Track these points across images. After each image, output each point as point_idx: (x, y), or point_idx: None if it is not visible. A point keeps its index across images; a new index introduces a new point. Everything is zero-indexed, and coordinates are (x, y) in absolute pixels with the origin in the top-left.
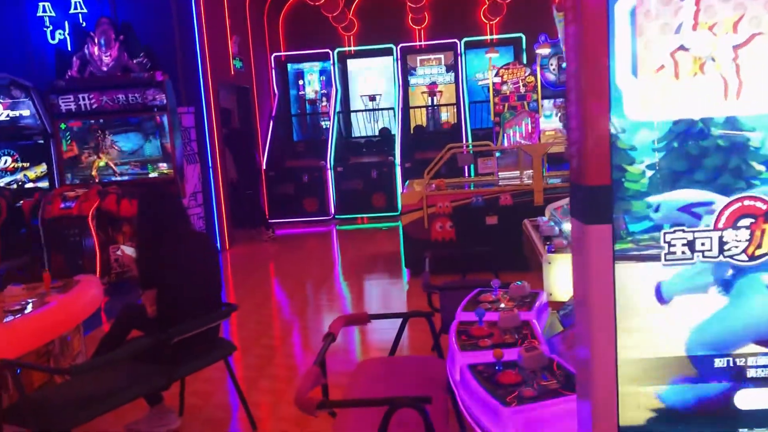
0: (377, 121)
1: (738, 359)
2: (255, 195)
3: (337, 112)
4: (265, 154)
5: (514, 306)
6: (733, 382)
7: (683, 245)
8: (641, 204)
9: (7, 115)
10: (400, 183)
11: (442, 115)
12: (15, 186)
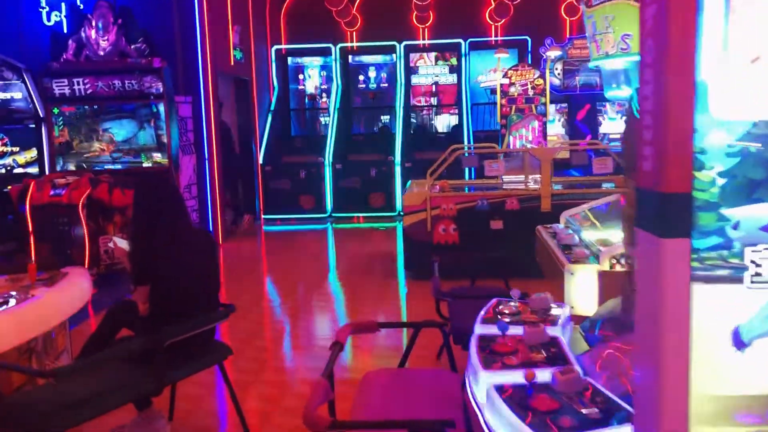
0: (377, 119)
1: None
2: (237, 186)
3: (337, 108)
4: (262, 149)
5: (538, 319)
6: None
7: None
8: (710, 216)
9: None
10: (400, 183)
11: (443, 117)
12: (3, 171)
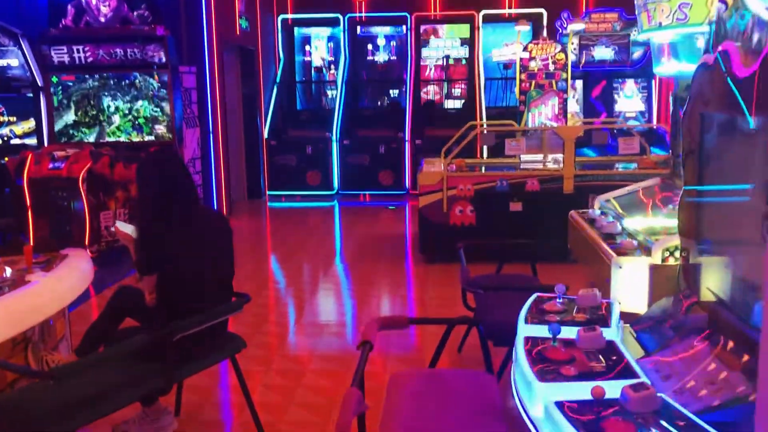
0: (386, 93)
1: None
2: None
3: (345, 81)
4: (267, 122)
5: (587, 319)
6: None
7: None
8: None
9: None
10: (409, 160)
11: (454, 91)
12: (0, 142)
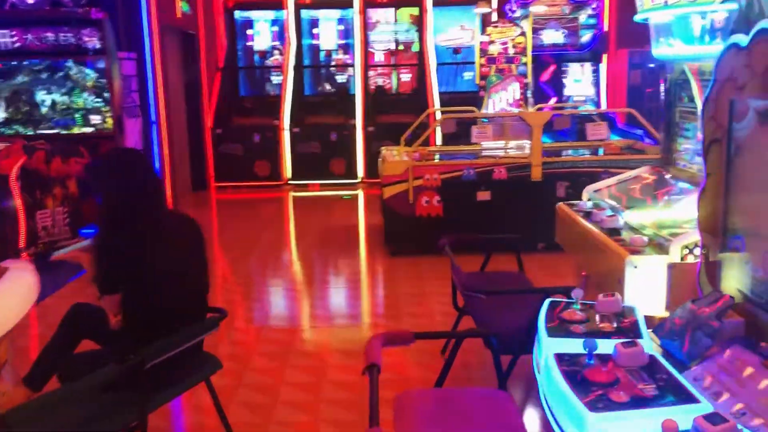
0: (333, 79)
1: None
2: None
3: (291, 66)
4: (212, 110)
5: (617, 329)
6: None
7: None
8: None
9: None
10: (362, 148)
11: (403, 77)
12: None
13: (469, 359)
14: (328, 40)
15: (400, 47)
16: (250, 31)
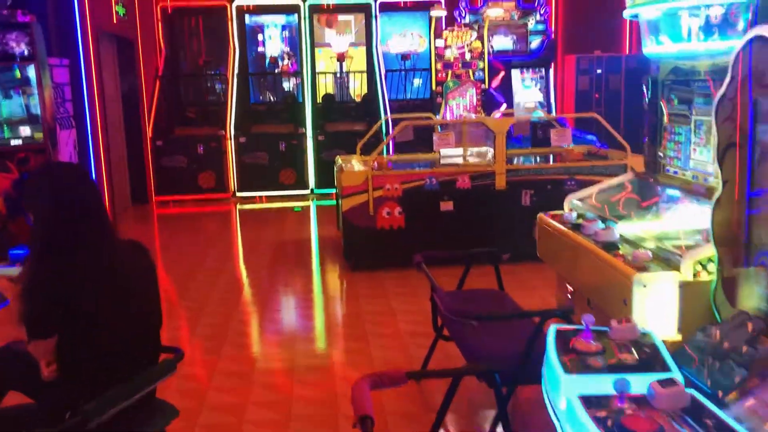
0: (279, 86)
1: None
2: None
3: (235, 74)
4: (151, 120)
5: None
6: None
7: None
8: None
9: None
10: (312, 157)
11: (352, 84)
12: None
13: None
14: (273, 47)
15: (349, 53)
16: (192, 37)
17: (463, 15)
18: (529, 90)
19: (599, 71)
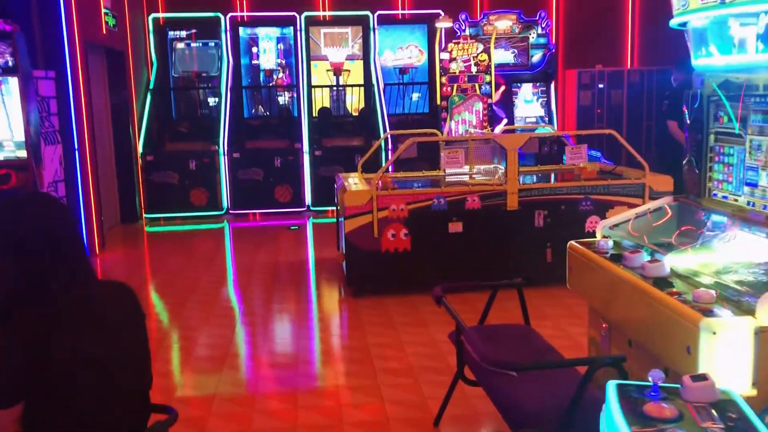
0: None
1: None
2: None
3: (229, 88)
4: (142, 135)
5: (726, 430)
6: None
7: None
8: None
9: None
10: (309, 174)
11: (349, 98)
12: None
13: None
14: (268, 60)
15: (346, 67)
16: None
17: (463, 28)
18: (531, 105)
19: (601, 86)
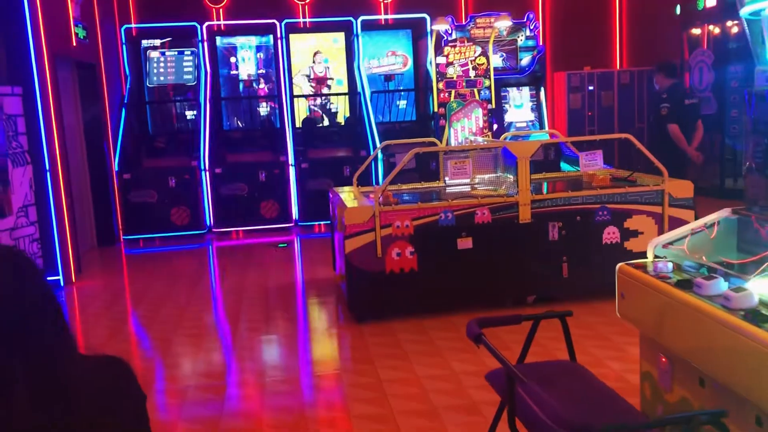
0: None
1: None
2: None
3: (207, 99)
4: (117, 152)
5: None
6: None
7: None
8: None
9: None
10: (296, 188)
11: (333, 107)
12: None
13: None
14: (248, 70)
15: (330, 75)
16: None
17: (450, 32)
18: (521, 109)
19: (591, 88)
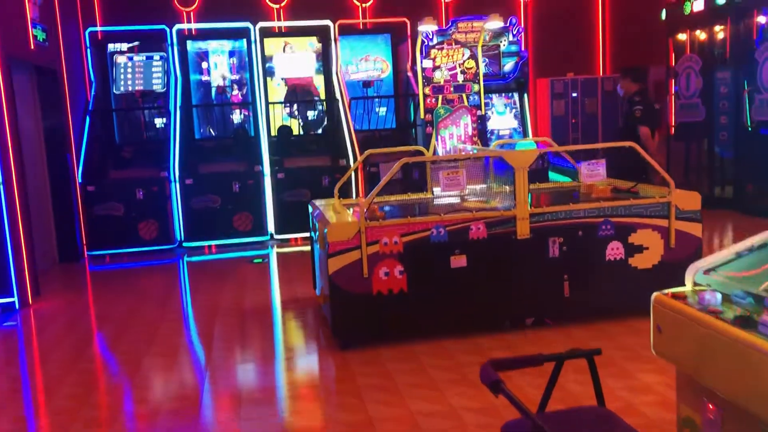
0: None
1: None
2: None
3: (178, 107)
4: (81, 162)
5: None
6: None
7: None
8: None
9: None
10: (272, 199)
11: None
12: None
13: None
14: (220, 75)
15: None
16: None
17: (431, 36)
18: (503, 116)
19: (574, 94)
